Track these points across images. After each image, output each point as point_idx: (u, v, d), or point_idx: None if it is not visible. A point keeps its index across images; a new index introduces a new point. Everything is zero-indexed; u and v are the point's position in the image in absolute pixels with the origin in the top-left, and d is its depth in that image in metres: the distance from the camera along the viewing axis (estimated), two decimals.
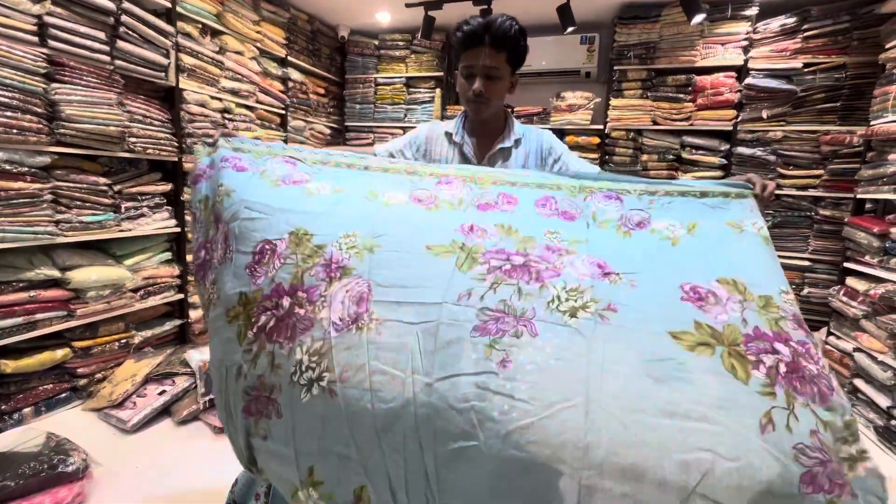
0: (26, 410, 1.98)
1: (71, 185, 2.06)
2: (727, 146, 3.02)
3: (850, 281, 2.54)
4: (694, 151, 3.11)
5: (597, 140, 3.32)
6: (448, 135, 1.34)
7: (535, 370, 0.63)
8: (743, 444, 0.58)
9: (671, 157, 3.17)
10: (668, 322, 0.68)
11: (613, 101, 3.23)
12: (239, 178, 0.95)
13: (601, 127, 3.30)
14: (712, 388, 0.61)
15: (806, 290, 2.93)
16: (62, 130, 1.95)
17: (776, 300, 0.74)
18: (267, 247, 0.82)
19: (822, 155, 2.84)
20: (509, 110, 1.38)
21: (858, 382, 2.38)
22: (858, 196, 2.64)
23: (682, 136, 3.14)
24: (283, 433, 0.74)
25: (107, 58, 2.11)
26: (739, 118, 2.96)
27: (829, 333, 2.70)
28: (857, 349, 2.41)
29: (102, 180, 2.18)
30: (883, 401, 2.19)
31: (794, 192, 2.92)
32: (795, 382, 0.64)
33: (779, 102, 2.88)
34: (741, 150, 2.97)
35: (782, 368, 0.64)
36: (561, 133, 3.45)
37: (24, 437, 1.72)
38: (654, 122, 3.16)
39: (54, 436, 1.72)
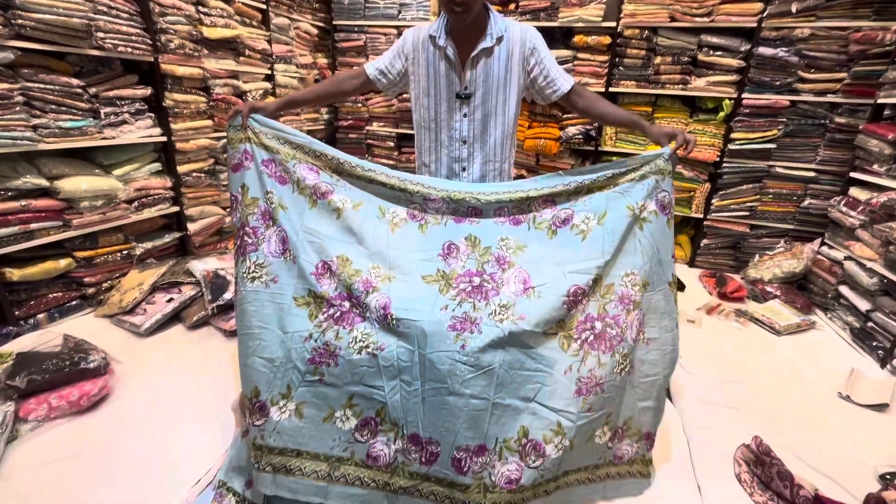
0: (40, 316, 2.05)
1: (42, 86, 1.91)
2: (748, 46, 2.80)
3: (854, 191, 2.52)
4: (712, 52, 2.89)
5: (607, 40, 3.05)
6: (432, 38, 1.37)
7: (479, 352, 1.11)
8: (555, 381, 1.14)
9: (686, 59, 2.95)
10: (547, 323, 1.15)
11: None
12: (284, 192, 1.29)
13: (613, 24, 3.02)
14: (549, 357, 1.15)
15: (807, 202, 2.92)
16: (20, 21, 1.77)
17: (616, 286, 1.21)
18: (326, 264, 1.22)
19: (849, 55, 2.64)
20: (488, 3, 1.38)
21: (843, 289, 2.47)
22: (879, 101, 2.51)
23: (701, 34, 2.89)
24: (337, 375, 1.15)
25: None
26: (766, 12, 2.70)
27: (823, 244, 2.74)
28: (848, 258, 2.46)
29: (75, 81, 2.03)
30: (864, 305, 2.29)
31: (811, 97, 2.77)
32: (594, 343, 1.16)
33: None
34: (763, 50, 2.75)
35: (591, 338, 1.16)
36: (569, 32, 3.17)
37: (42, 339, 1.81)
38: (672, 19, 2.89)
39: (72, 337, 1.80)
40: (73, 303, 2.19)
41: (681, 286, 2.88)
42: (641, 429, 1.28)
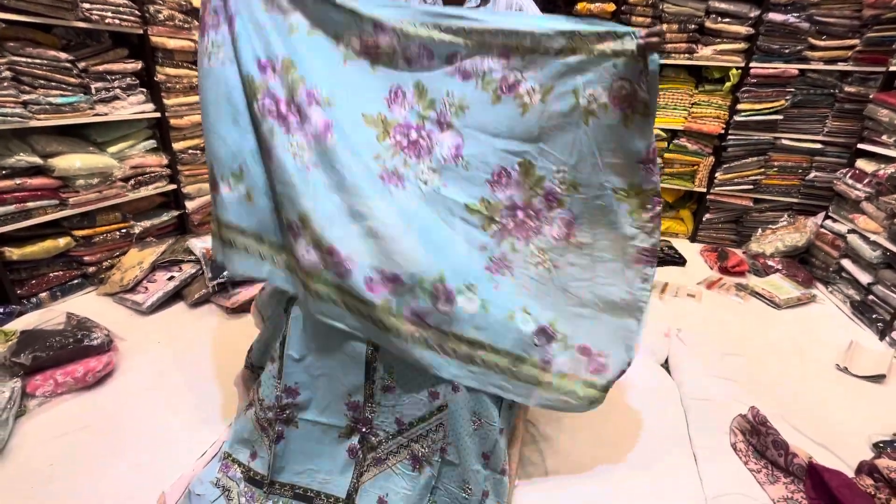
0: (43, 295, 2.06)
1: (29, 60, 1.86)
2: (758, 12, 2.70)
3: (860, 163, 2.48)
4: (720, 19, 2.79)
5: (612, 7, 2.95)
6: None
7: (404, 199, 1.10)
8: (470, 251, 1.14)
9: (693, 27, 2.85)
10: (470, 197, 1.13)
11: None
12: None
13: None
14: (468, 234, 1.14)
15: (812, 174, 2.87)
16: None
17: (545, 180, 1.12)
18: (270, 61, 1.09)
19: (862, 21, 2.55)
20: None
21: (845, 262, 2.46)
22: (891, 69, 2.43)
23: (709, 0, 2.78)
24: (273, 170, 1.11)
25: None
26: None
27: (826, 217, 2.71)
28: (852, 231, 2.44)
29: (63, 55, 1.97)
30: (865, 278, 2.28)
31: (820, 66, 2.69)
32: (513, 229, 1.15)
33: None
34: (773, 16, 2.66)
35: (511, 225, 1.15)
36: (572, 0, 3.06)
37: (45, 317, 1.82)
38: None
39: (74, 315, 1.82)
40: (75, 281, 2.20)
41: (682, 261, 2.88)
42: (573, 338, 1.16)
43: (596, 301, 1.16)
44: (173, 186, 2.58)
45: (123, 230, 2.36)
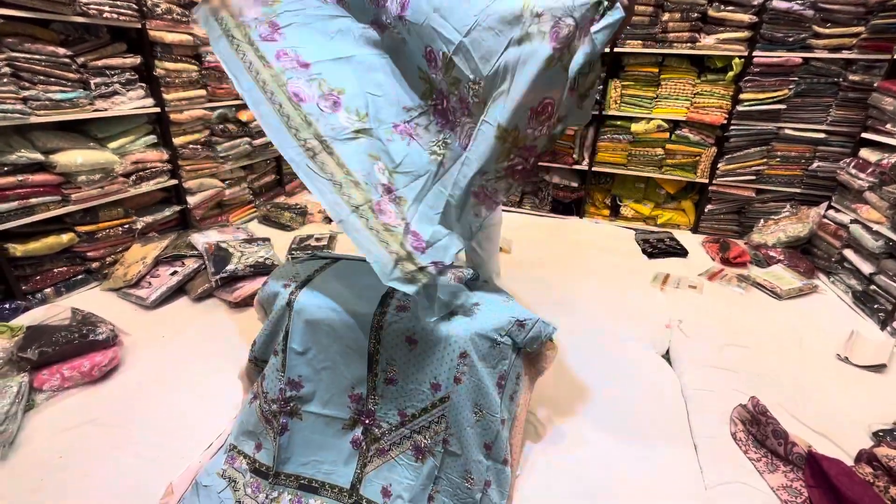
0: (47, 291, 2.08)
1: (28, 56, 1.86)
2: (761, 0, 2.66)
3: (864, 152, 2.46)
4: (723, 7, 2.75)
5: None
6: None
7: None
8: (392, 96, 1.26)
9: (696, 15, 2.82)
10: (419, 60, 1.24)
11: None
12: None
13: None
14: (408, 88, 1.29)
15: (815, 164, 2.86)
16: None
17: (461, 84, 1.16)
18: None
19: (868, 7, 2.52)
20: None
21: (847, 252, 2.45)
22: None
23: None
24: None
25: None
26: None
27: (829, 207, 2.70)
28: (854, 221, 2.43)
29: (62, 51, 1.97)
30: (867, 268, 2.28)
31: (825, 54, 2.66)
32: (437, 112, 1.28)
33: None
34: (776, 3, 2.62)
35: (440, 107, 1.28)
36: None
37: (50, 312, 1.84)
38: None
39: (79, 310, 1.83)
40: (79, 277, 2.22)
41: (683, 252, 2.87)
42: (412, 219, 1.18)
43: (441, 209, 1.21)
44: (174, 182, 2.58)
45: (126, 226, 2.37)
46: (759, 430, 1.42)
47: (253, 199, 3.27)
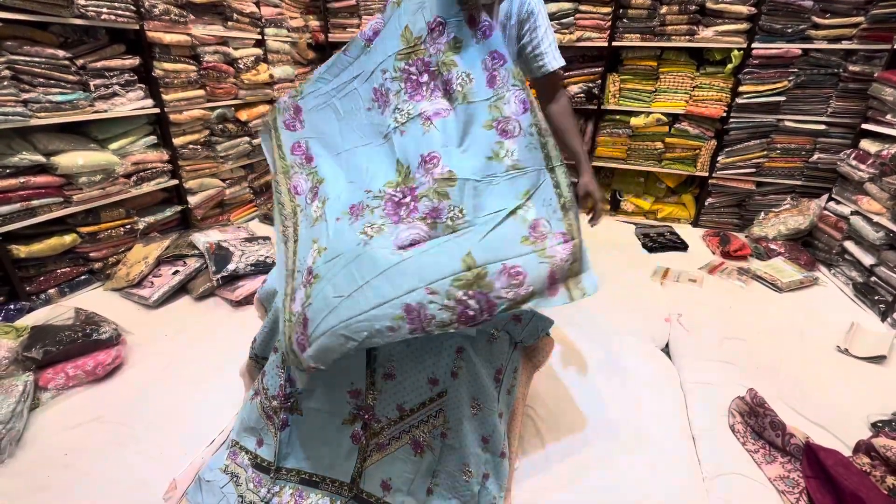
0: (51, 291, 2.10)
1: (27, 58, 1.88)
2: None
3: (864, 143, 2.45)
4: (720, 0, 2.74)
5: None
6: None
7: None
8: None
9: (694, 7, 2.80)
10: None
11: None
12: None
13: None
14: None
15: (815, 156, 2.84)
16: None
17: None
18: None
19: None
20: None
21: (848, 244, 2.44)
22: None
23: None
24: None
25: None
26: None
27: (830, 199, 2.69)
28: (855, 212, 2.42)
29: (61, 53, 1.98)
30: (868, 259, 2.27)
31: (824, 45, 2.64)
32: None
33: None
34: None
35: None
36: None
37: (54, 312, 1.86)
38: None
39: (83, 310, 1.85)
40: (82, 277, 2.24)
41: (684, 246, 2.87)
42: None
43: (346, 294, 1.04)
44: (175, 182, 2.60)
45: (127, 226, 2.39)
46: (757, 421, 1.42)
47: (254, 198, 3.29)
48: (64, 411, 1.49)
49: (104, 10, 2.08)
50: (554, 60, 1.29)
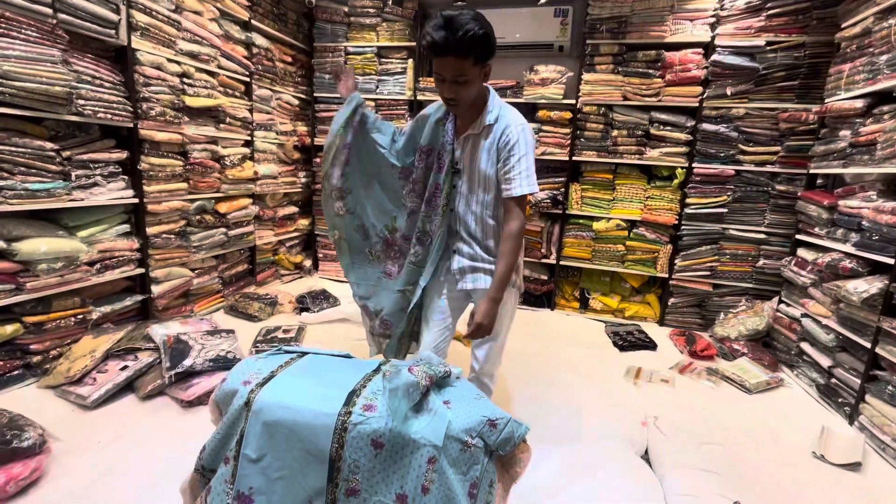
0: None
1: (13, 149, 1.91)
2: (693, 122, 3.11)
3: (801, 252, 2.70)
4: (662, 127, 3.18)
5: (568, 115, 3.34)
6: (442, 118, 1.49)
7: None
8: None
9: (640, 132, 3.23)
10: None
11: (586, 76, 3.24)
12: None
13: (573, 101, 3.32)
14: None
15: (761, 262, 3.09)
16: (1, 89, 1.80)
17: None
18: None
19: (780, 132, 2.96)
20: (489, 91, 1.48)
21: (804, 346, 2.55)
22: (811, 171, 2.78)
23: (651, 111, 3.20)
24: None
25: (48, 10, 1.94)
26: (705, 95, 3.04)
27: (780, 301, 2.87)
28: (805, 315, 2.57)
29: (49, 145, 2.04)
30: (825, 361, 2.36)
31: (752, 168, 3.05)
32: None
33: (742, 80, 2.96)
34: (706, 126, 3.06)
35: None
36: (533, 107, 3.46)
37: None
38: (625, 98, 3.20)
39: (6, 412, 1.64)
40: (16, 372, 2.02)
41: (653, 345, 2.92)
42: None
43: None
44: (141, 270, 2.53)
45: (80, 316, 2.24)
46: None
47: (222, 288, 3.20)
48: None
49: (101, 109, 2.20)
50: (519, 187, 1.38)
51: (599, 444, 1.84)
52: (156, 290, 2.61)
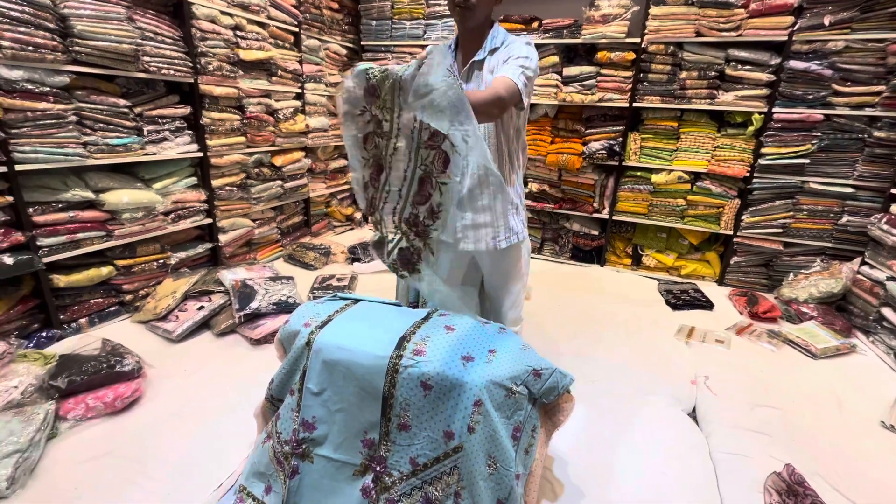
0: (82, 321, 2.18)
1: (92, 106, 2.07)
2: (778, 60, 2.74)
3: (895, 208, 2.40)
4: (740, 67, 2.84)
5: (631, 56, 3.05)
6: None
7: None
8: None
9: (713, 73, 2.91)
10: None
11: (654, 10, 2.91)
12: None
13: (637, 40, 3.01)
14: None
15: (844, 219, 2.79)
16: (76, 48, 1.92)
17: None
18: None
19: (888, 68, 2.55)
20: (496, 23, 1.44)
21: (886, 311, 2.33)
22: None
23: (728, 49, 2.85)
24: None
25: None
26: (797, 26, 2.64)
27: (863, 263, 2.61)
28: (891, 278, 2.33)
29: (122, 102, 2.18)
30: None
31: (847, 111, 2.68)
32: None
33: (845, 6, 2.54)
34: (794, 63, 2.69)
35: None
36: (592, 49, 3.19)
37: (83, 342, 1.91)
38: (698, 34, 2.86)
39: (109, 341, 1.90)
40: (112, 308, 2.32)
41: (709, 305, 2.79)
42: None
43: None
44: (209, 220, 2.73)
45: (161, 261, 2.49)
46: (797, 501, 1.31)
47: (280, 238, 3.40)
48: (79, 443, 1.50)
49: (164, 65, 2.30)
50: (507, 70, 1.29)
51: (644, 398, 1.84)
52: (223, 238, 2.82)
